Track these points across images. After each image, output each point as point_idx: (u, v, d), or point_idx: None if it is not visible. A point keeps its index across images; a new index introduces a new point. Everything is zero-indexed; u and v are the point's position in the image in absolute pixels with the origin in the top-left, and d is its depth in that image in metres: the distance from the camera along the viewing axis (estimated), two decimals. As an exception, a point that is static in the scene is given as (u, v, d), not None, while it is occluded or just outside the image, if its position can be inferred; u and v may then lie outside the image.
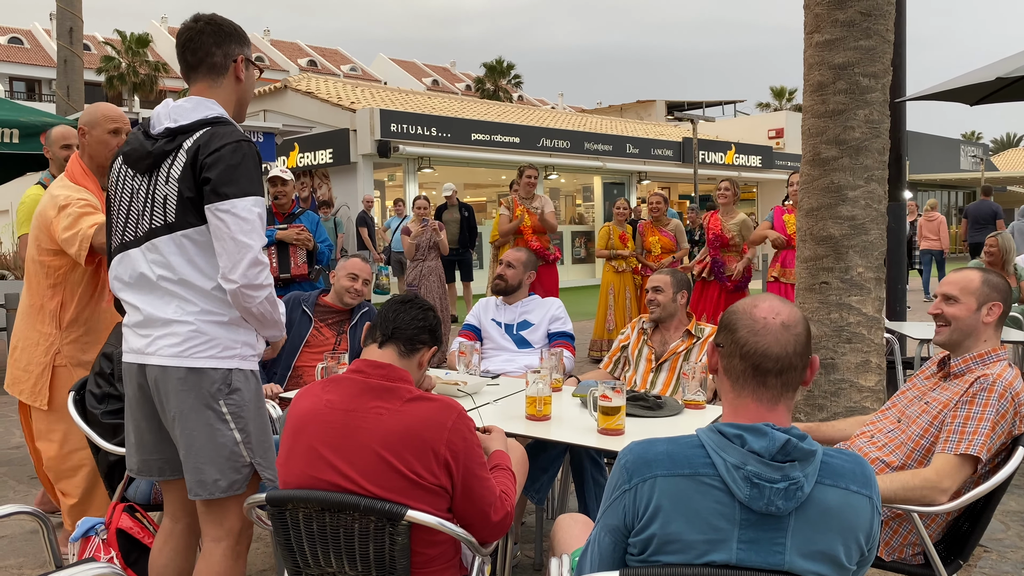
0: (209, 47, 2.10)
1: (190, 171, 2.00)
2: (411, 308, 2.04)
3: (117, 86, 40.85)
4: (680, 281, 3.57)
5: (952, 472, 2.15)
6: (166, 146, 2.04)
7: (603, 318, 7.98)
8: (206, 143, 1.99)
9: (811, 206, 3.49)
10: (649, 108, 30.58)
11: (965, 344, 2.34)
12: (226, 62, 2.13)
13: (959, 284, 2.34)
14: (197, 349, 2.03)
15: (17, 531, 3.62)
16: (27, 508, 2.06)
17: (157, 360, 2.06)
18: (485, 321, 3.95)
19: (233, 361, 2.07)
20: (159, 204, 2.05)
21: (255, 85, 2.26)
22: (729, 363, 1.46)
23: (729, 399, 1.48)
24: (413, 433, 1.80)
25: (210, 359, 2.04)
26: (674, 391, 3.40)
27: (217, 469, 2.06)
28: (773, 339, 1.42)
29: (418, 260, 7.82)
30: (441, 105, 19.16)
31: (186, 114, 2.05)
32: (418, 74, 57.03)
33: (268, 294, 2.05)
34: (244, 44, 2.17)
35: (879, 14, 3.36)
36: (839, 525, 1.36)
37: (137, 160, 2.08)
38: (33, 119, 6.45)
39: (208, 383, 2.04)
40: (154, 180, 2.06)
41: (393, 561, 1.79)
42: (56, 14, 10.61)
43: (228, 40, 2.13)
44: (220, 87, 2.14)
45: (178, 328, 2.04)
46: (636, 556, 1.43)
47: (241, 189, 1.98)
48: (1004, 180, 29.11)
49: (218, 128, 2.03)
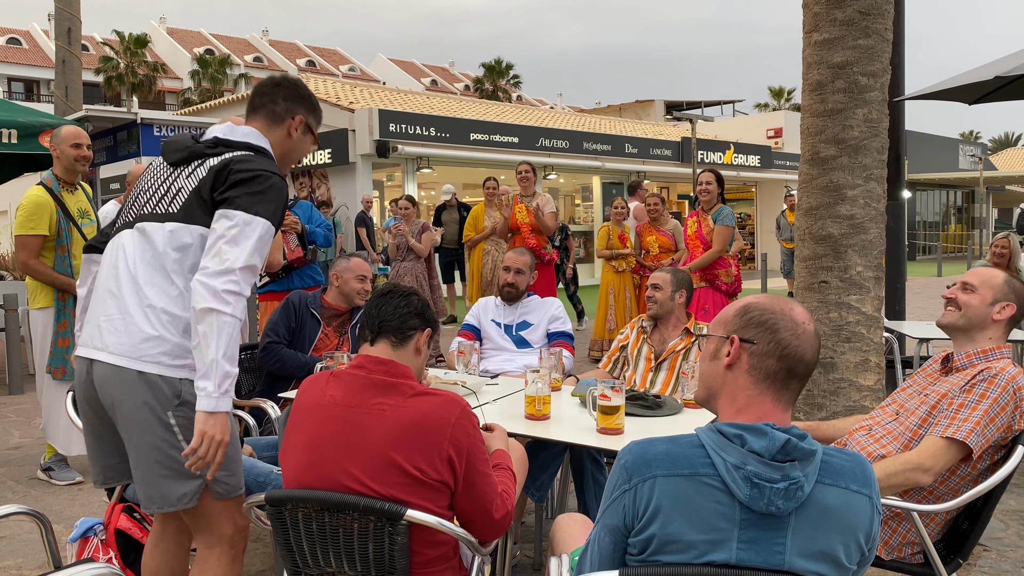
0: (276, 96, 2.21)
1: (215, 175, 2.02)
2: (392, 298, 2.00)
3: (115, 86, 40.86)
4: (680, 280, 3.57)
5: (936, 453, 2.14)
6: (206, 149, 2.09)
7: (603, 318, 7.98)
8: (243, 160, 2.04)
9: (810, 205, 3.49)
10: (648, 108, 30.59)
11: (969, 334, 2.34)
12: (285, 116, 2.22)
13: (982, 276, 2.36)
14: (148, 353, 1.97)
15: (16, 532, 3.61)
16: (26, 509, 2.06)
17: (107, 358, 1.99)
18: (484, 321, 3.95)
19: (183, 371, 2.00)
20: (170, 194, 2.06)
21: (305, 153, 2.34)
22: (761, 362, 1.44)
23: (740, 397, 1.46)
24: (417, 429, 1.79)
25: (158, 365, 1.97)
26: (673, 390, 3.40)
27: (166, 482, 2.00)
28: (810, 345, 1.44)
29: (398, 260, 7.84)
30: (440, 105, 19.16)
31: (238, 135, 2.13)
32: (417, 74, 57.04)
33: (228, 317, 1.90)
34: (311, 112, 2.27)
35: (878, 13, 3.36)
36: (839, 525, 1.36)
37: (173, 151, 2.11)
38: (31, 119, 6.44)
39: (157, 392, 1.97)
40: (178, 172, 2.09)
41: (393, 561, 1.79)
42: (54, 14, 10.61)
43: (297, 100, 2.23)
44: (270, 134, 2.21)
45: (132, 326, 1.98)
46: (636, 556, 1.43)
47: (259, 210, 1.99)
48: (1003, 180, 29.14)
49: (261, 156, 2.10)
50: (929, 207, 30.86)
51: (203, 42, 51.71)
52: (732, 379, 1.47)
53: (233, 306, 1.91)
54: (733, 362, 1.47)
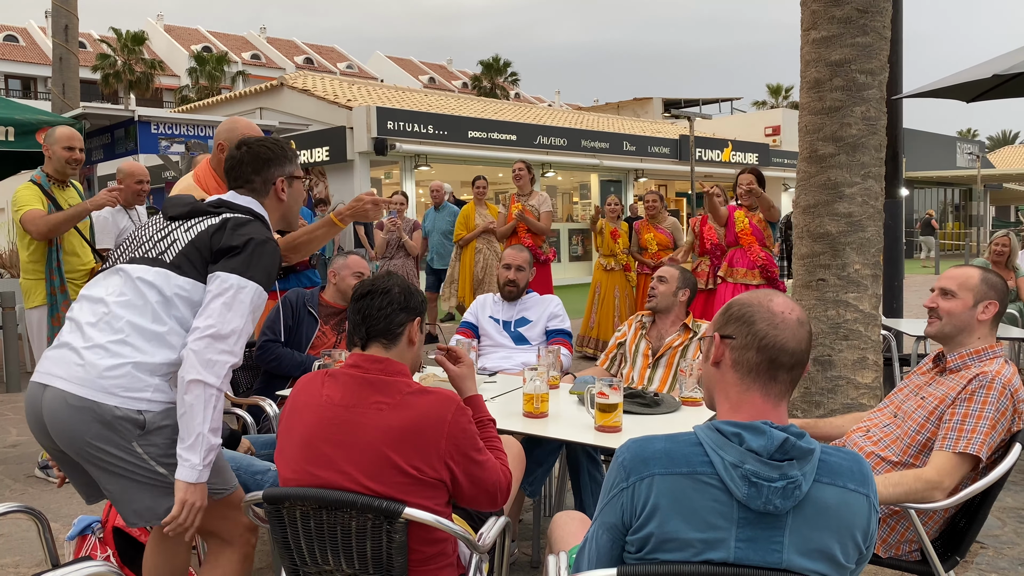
0: (248, 175, 2.25)
1: (212, 235, 2.05)
2: (373, 299, 1.95)
3: (113, 83, 40.80)
4: (687, 279, 3.57)
5: (952, 471, 2.15)
6: (207, 208, 2.15)
7: (588, 315, 7.98)
8: (242, 223, 2.09)
9: (808, 203, 3.49)
10: (646, 106, 30.55)
11: (958, 339, 2.34)
12: (266, 187, 2.27)
13: (958, 280, 2.35)
14: (106, 385, 1.91)
15: (14, 530, 3.61)
16: (23, 507, 2.05)
17: (61, 384, 1.93)
18: (483, 318, 3.94)
19: (141, 403, 1.94)
20: (166, 243, 2.08)
21: (301, 195, 2.39)
22: (742, 356, 1.45)
23: (732, 394, 1.47)
24: (414, 427, 1.79)
25: (115, 397, 1.91)
26: (671, 387, 3.40)
27: (149, 498, 1.98)
28: (791, 334, 1.43)
29: (386, 258, 7.71)
30: (438, 103, 19.14)
31: (240, 201, 2.19)
32: (415, 72, 56.98)
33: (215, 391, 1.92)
34: (284, 164, 2.30)
35: (876, 11, 3.36)
36: (837, 523, 1.36)
37: (175, 206, 2.16)
38: (28, 117, 6.42)
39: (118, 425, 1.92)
40: (176, 226, 2.12)
41: (390, 559, 1.79)
42: (51, 12, 10.58)
43: (267, 166, 2.27)
44: (263, 204, 2.26)
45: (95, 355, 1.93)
46: (634, 554, 1.43)
47: (252, 275, 2.02)
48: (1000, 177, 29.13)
49: (258, 223, 2.14)
50: (927, 205, 30.88)
51: (200, 39, 51.63)
52: (721, 376, 1.49)
53: (223, 381, 1.94)
54: (718, 359, 1.50)
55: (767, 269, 5.83)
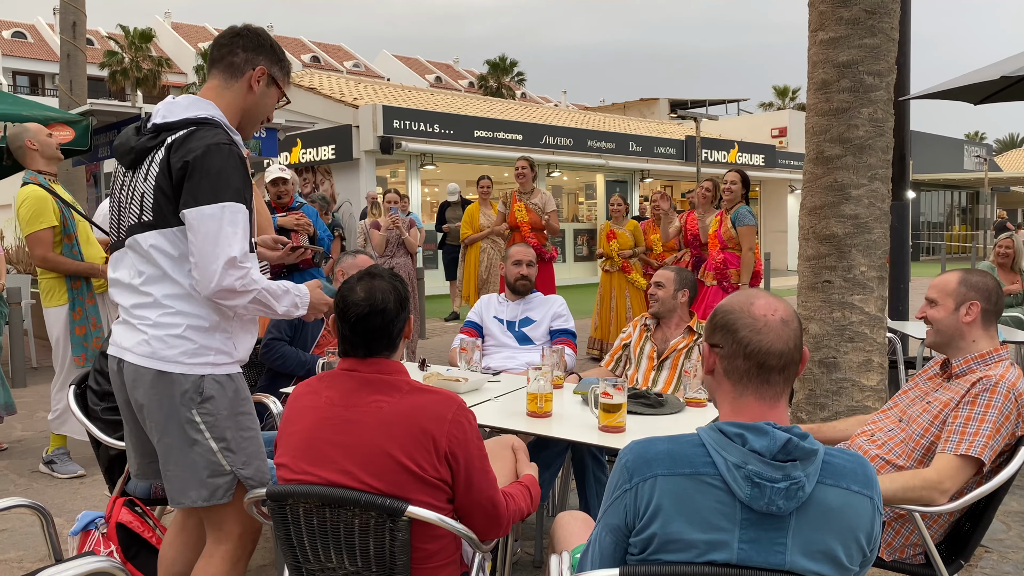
0: (235, 47, 2.07)
1: (166, 169, 1.94)
2: (371, 320, 1.87)
3: (120, 81, 40.91)
4: (684, 280, 3.56)
5: (953, 473, 2.14)
6: (148, 142, 1.99)
7: (595, 317, 8.00)
8: (183, 142, 1.93)
9: (814, 204, 3.48)
10: (652, 106, 30.50)
11: (954, 345, 2.34)
12: (244, 67, 2.07)
13: (938, 287, 2.37)
14: (166, 352, 1.98)
15: (18, 524, 3.62)
16: (27, 501, 2.06)
17: (131, 358, 2.01)
18: (487, 318, 3.94)
19: (205, 367, 2.01)
20: (137, 201, 2.02)
21: (271, 108, 2.16)
22: (731, 364, 1.45)
23: (729, 399, 1.47)
24: (414, 424, 1.79)
25: (176, 364, 1.98)
26: (675, 389, 3.40)
27: (196, 479, 2.02)
28: (775, 336, 1.42)
29: (386, 257, 7.66)
30: (444, 102, 19.14)
31: (177, 111, 2.00)
32: (421, 71, 57.00)
33: (252, 297, 1.97)
34: (274, 63, 2.12)
35: (884, 12, 3.34)
36: (840, 525, 1.35)
37: (122, 155, 2.07)
38: (36, 113, 6.43)
39: (178, 390, 1.98)
40: (135, 176, 2.04)
41: (393, 557, 1.79)
42: (59, 9, 10.61)
43: (258, 50, 2.08)
44: (229, 90, 2.08)
45: (151, 329, 1.99)
46: (637, 555, 1.42)
47: (212, 195, 1.90)
48: (1007, 180, 29.03)
49: (202, 129, 1.95)
50: (933, 207, 30.78)
51: (208, 37, 51.71)
52: (717, 384, 1.50)
53: (242, 293, 1.95)
54: (711, 368, 1.50)
55: (721, 271, 6.01)
